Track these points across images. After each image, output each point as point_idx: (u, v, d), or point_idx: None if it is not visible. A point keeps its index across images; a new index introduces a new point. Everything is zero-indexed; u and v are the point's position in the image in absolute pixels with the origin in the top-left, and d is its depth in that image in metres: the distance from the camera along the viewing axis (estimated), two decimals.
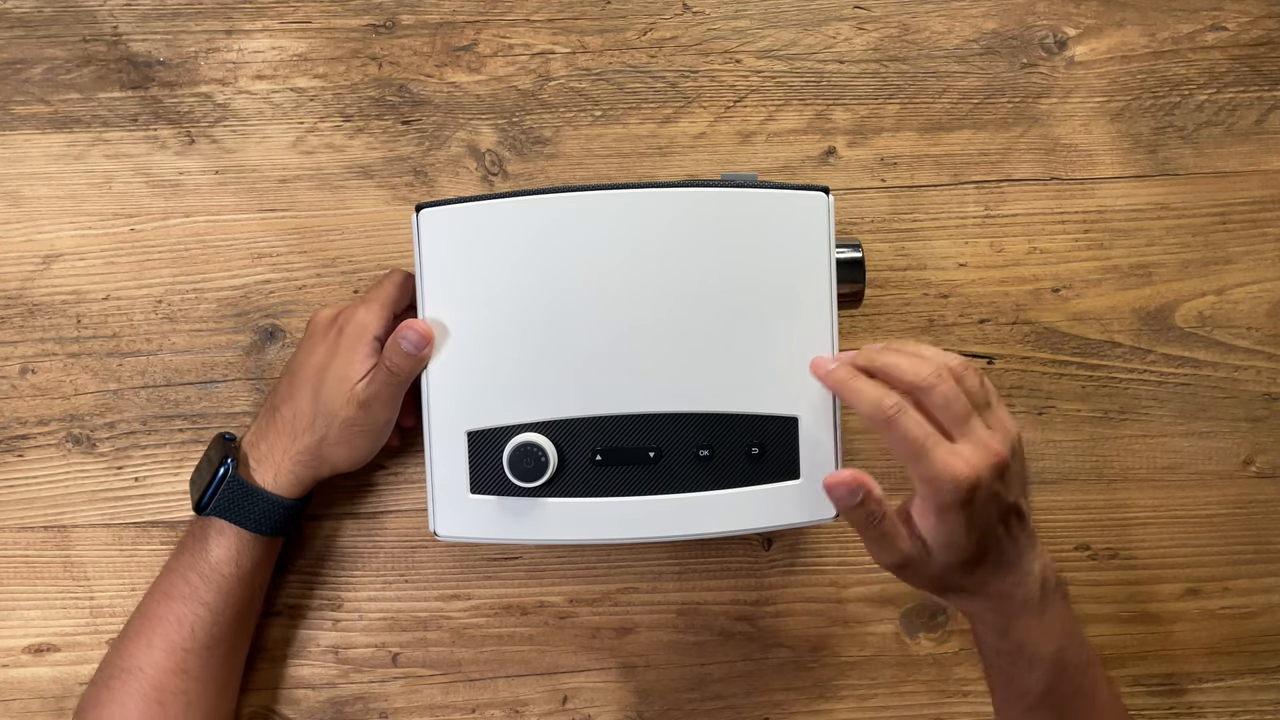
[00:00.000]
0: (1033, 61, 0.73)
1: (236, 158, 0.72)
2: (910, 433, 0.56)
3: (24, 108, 0.71)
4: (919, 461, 0.56)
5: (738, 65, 0.73)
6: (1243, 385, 0.75)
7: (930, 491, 0.56)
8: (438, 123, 0.72)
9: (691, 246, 0.61)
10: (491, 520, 0.63)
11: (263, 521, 0.65)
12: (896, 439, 0.56)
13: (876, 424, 0.56)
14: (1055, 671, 0.61)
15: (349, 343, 0.64)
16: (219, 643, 0.65)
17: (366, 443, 0.65)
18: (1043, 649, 0.60)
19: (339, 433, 0.64)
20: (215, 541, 0.65)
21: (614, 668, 0.74)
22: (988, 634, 0.62)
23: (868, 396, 0.57)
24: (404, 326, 0.61)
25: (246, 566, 0.65)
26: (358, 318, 0.64)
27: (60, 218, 0.71)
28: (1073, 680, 0.61)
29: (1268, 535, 0.75)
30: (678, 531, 0.63)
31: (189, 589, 0.65)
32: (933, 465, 0.55)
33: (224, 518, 0.65)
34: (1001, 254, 0.74)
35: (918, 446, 0.55)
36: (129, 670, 0.65)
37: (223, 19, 0.72)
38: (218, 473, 0.65)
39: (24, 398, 0.72)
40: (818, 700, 0.75)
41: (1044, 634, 0.60)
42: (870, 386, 0.58)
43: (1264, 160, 0.74)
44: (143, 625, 0.66)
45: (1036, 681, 0.60)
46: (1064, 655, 0.61)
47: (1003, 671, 0.62)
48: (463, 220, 0.61)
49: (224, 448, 0.66)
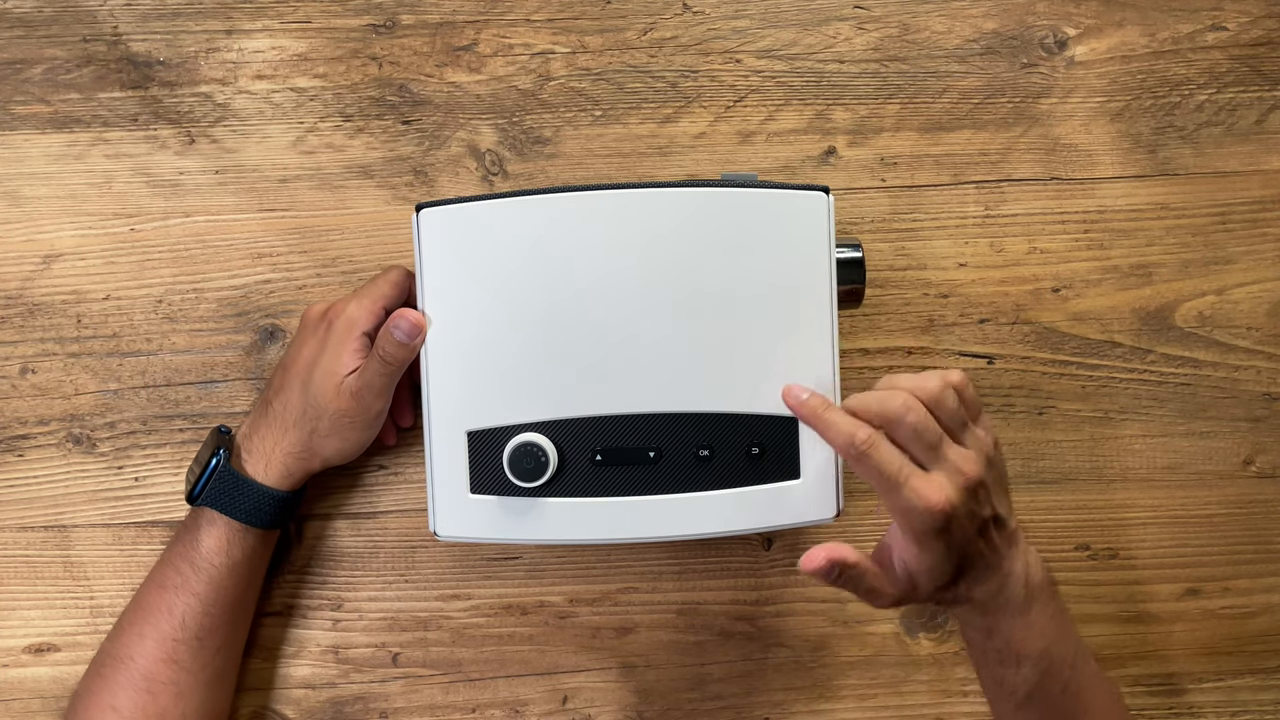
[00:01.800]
0: (1033, 61, 0.74)
1: (236, 158, 0.72)
2: (883, 466, 0.56)
3: (24, 108, 0.71)
4: (893, 494, 0.56)
5: (738, 65, 0.73)
6: (1243, 385, 0.75)
7: (907, 523, 0.57)
8: (438, 123, 0.72)
9: (692, 246, 0.61)
10: (491, 520, 0.63)
11: (253, 513, 0.65)
12: (870, 473, 0.56)
13: (849, 458, 0.57)
14: (1042, 669, 0.61)
15: (338, 338, 0.64)
16: (210, 634, 0.66)
17: (357, 434, 0.66)
18: (1029, 647, 0.60)
19: (329, 425, 0.64)
20: (206, 532, 0.65)
21: (614, 668, 0.74)
22: (974, 635, 0.62)
23: (841, 430, 0.57)
24: (396, 316, 0.62)
25: (237, 557, 0.66)
26: (347, 313, 0.65)
27: (60, 218, 0.72)
28: (1060, 677, 0.62)
29: (1268, 535, 0.75)
30: (677, 531, 0.63)
31: (180, 579, 0.65)
32: (906, 498, 0.56)
33: (215, 508, 0.65)
34: (1001, 254, 0.74)
35: (891, 480, 0.56)
36: (120, 659, 0.65)
37: (223, 19, 0.72)
38: (209, 464, 0.65)
39: (24, 398, 0.72)
40: (818, 700, 0.75)
41: (1029, 633, 0.60)
42: (843, 419, 0.57)
43: (1264, 160, 0.74)
44: (135, 615, 0.66)
45: (1024, 679, 0.61)
46: (1051, 652, 0.61)
47: (991, 670, 0.62)
48: (463, 220, 0.61)
49: (217, 439, 0.67)
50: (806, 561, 0.56)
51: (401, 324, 0.62)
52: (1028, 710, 0.62)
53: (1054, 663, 0.61)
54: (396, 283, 0.66)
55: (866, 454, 0.56)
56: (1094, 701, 0.63)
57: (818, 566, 0.56)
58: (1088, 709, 0.63)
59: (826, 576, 0.57)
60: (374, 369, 0.63)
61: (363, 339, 0.64)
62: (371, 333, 0.64)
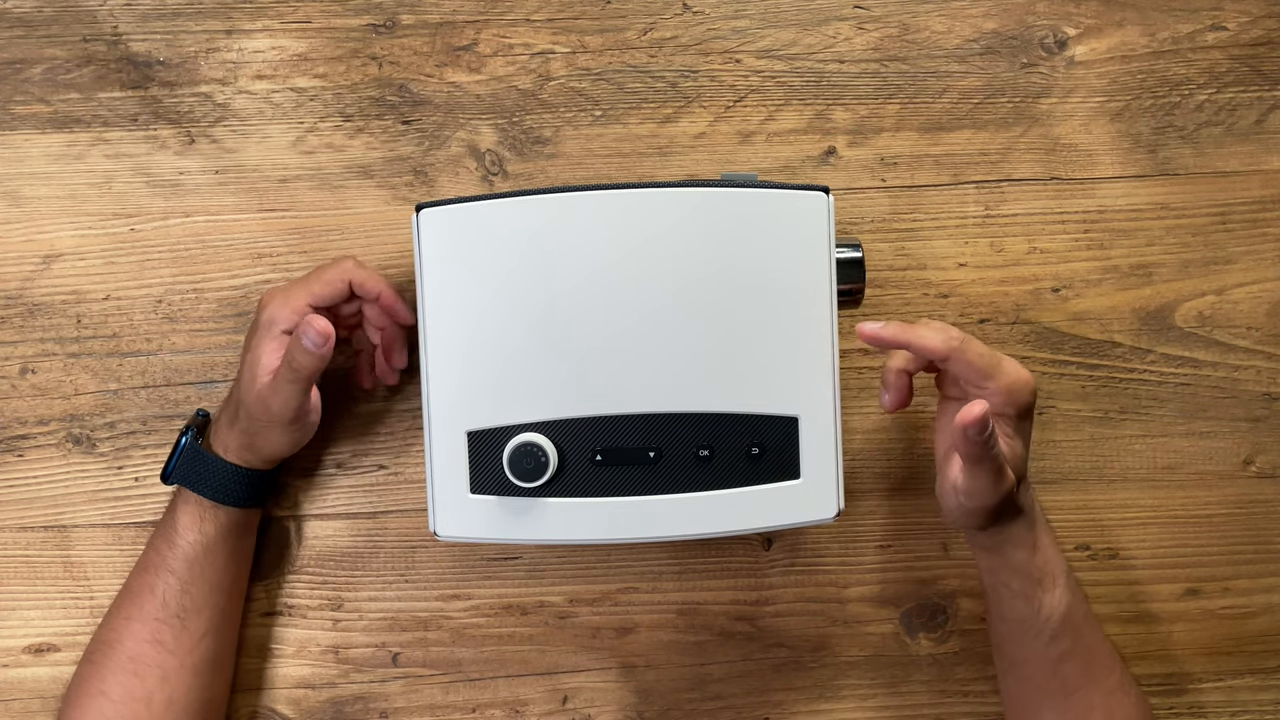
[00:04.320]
0: (1033, 61, 0.73)
1: (236, 158, 0.72)
2: (981, 354, 0.60)
3: (24, 108, 0.71)
4: (995, 375, 0.60)
5: (738, 65, 0.73)
6: (1243, 385, 0.75)
7: (1008, 400, 0.60)
8: (438, 123, 0.72)
9: (691, 246, 0.61)
10: (491, 520, 0.63)
11: (220, 490, 0.66)
12: (969, 362, 0.60)
13: (948, 353, 0.60)
14: (1072, 588, 0.65)
15: (260, 336, 0.64)
16: (192, 615, 0.66)
17: (284, 435, 0.65)
18: (1059, 564, 0.65)
19: (255, 424, 0.64)
20: (181, 510, 0.66)
21: (614, 668, 0.74)
22: (1020, 555, 0.63)
23: (934, 333, 0.60)
24: (305, 323, 0.60)
25: (211, 534, 0.66)
26: (269, 311, 0.64)
27: (60, 218, 0.71)
28: (1083, 601, 0.66)
29: (1268, 535, 0.75)
30: (677, 531, 0.63)
31: (159, 558, 0.66)
32: (1009, 373, 0.60)
33: (185, 485, 0.66)
34: (1001, 254, 0.74)
35: (991, 361, 0.60)
36: (108, 644, 0.66)
37: (223, 19, 0.72)
38: (179, 442, 0.66)
39: (24, 398, 0.72)
40: (818, 700, 0.75)
41: (1055, 551, 0.65)
42: (928, 328, 0.61)
43: (1264, 160, 0.74)
44: (122, 600, 0.67)
45: (1059, 601, 0.64)
46: (1069, 574, 0.65)
47: (1027, 603, 0.64)
48: (463, 220, 0.61)
49: (192, 420, 0.68)
50: (967, 412, 0.56)
51: (309, 332, 0.60)
52: (1061, 641, 0.64)
53: (1077, 585, 0.65)
54: (331, 280, 0.64)
55: (963, 347, 0.60)
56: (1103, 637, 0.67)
57: (977, 415, 0.56)
58: (1104, 640, 0.67)
59: (982, 429, 0.56)
60: (283, 376, 0.62)
61: (282, 338, 0.63)
62: (292, 330, 0.63)
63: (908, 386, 0.64)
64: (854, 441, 0.73)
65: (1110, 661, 0.66)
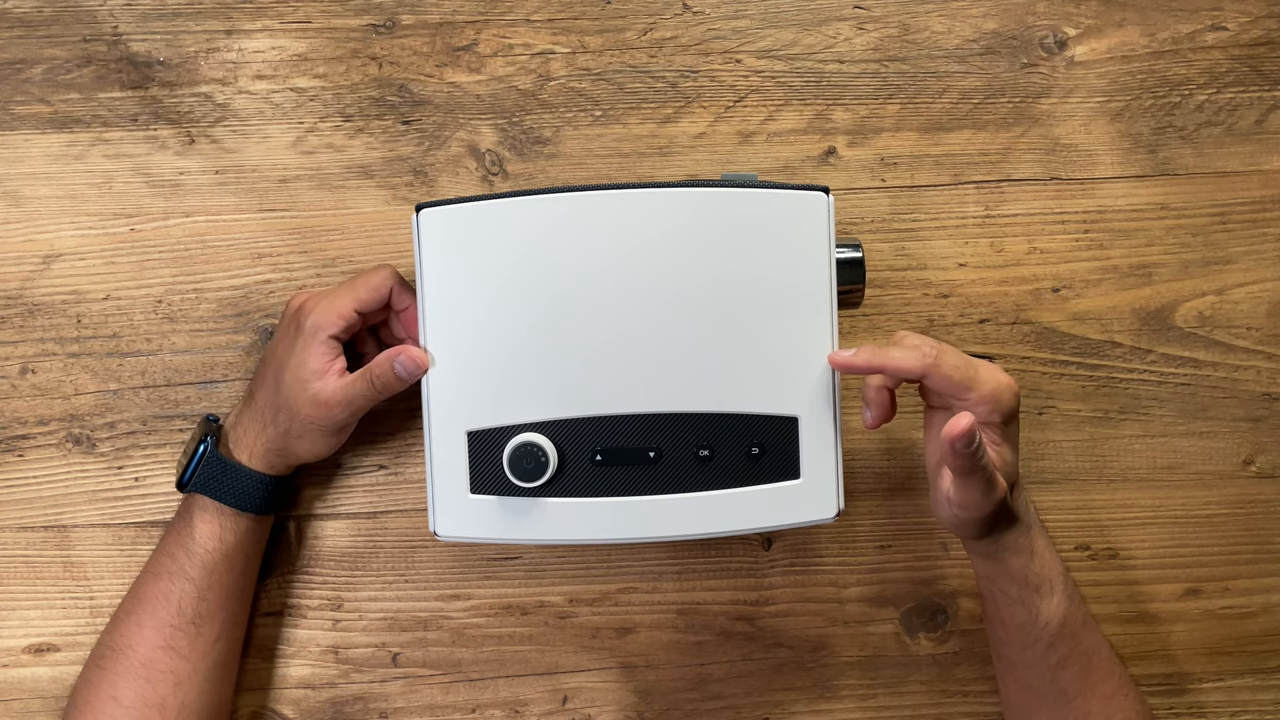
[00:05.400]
0: (1033, 61, 0.73)
1: (236, 158, 0.72)
2: (957, 366, 0.59)
3: (24, 108, 0.71)
4: (974, 385, 0.59)
5: (738, 65, 0.73)
6: (1243, 385, 0.75)
7: (993, 408, 0.59)
8: (438, 123, 0.72)
9: (692, 246, 0.61)
10: (491, 520, 0.63)
11: (242, 497, 0.66)
12: (946, 375, 0.59)
13: (923, 371, 0.59)
14: (1069, 594, 0.64)
15: (304, 341, 0.64)
16: (206, 621, 0.66)
17: (326, 440, 0.66)
18: (1056, 568, 0.64)
19: (300, 428, 0.65)
20: (199, 518, 0.66)
21: (614, 668, 0.74)
22: (1017, 561, 0.63)
23: (906, 354, 0.60)
24: (402, 351, 0.62)
25: (230, 542, 0.66)
26: (315, 315, 0.64)
27: (60, 218, 0.71)
28: (1080, 606, 0.65)
29: (1268, 535, 0.75)
30: (677, 531, 0.63)
31: (175, 565, 0.66)
32: (987, 381, 0.59)
33: (205, 494, 0.66)
34: (1001, 254, 0.74)
35: (968, 372, 0.59)
36: (119, 649, 0.66)
37: (223, 19, 0.72)
38: (197, 450, 0.66)
39: (24, 398, 0.72)
40: (818, 700, 0.75)
41: (1052, 555, 0.65)
42: (900, 349, 0.60)
43: (1264, 160, 0.74)
44: (132, 605, 0.67)
45: (1057, 607, 0.64)
46: (1067, 579, 0.65)
47: (1025, 609, 0.64)
48: (463, 220, 0.61)
49: (205, 427, 0.68)
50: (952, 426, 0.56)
51: (405, 361, 0.62)
52: (1059, 647, 0.64)
53: (1075, 589, 0.65)
54: (376, 286, 0.65)
55: (938, 362, 0.59)
56: (1102, 639, 0.67)
57: (963, 429, 0.56)
58: (1102, 643, 0.66)
59: (969, 443, 0.56)
60: (360, 389, 0.63)
61: (329, 343, 0.64)
62: (339, 335, 0.64)
63: (889, 402, 0.62)
64: (854, 441, 0.73)
65: (1109, 666, 0.66)
